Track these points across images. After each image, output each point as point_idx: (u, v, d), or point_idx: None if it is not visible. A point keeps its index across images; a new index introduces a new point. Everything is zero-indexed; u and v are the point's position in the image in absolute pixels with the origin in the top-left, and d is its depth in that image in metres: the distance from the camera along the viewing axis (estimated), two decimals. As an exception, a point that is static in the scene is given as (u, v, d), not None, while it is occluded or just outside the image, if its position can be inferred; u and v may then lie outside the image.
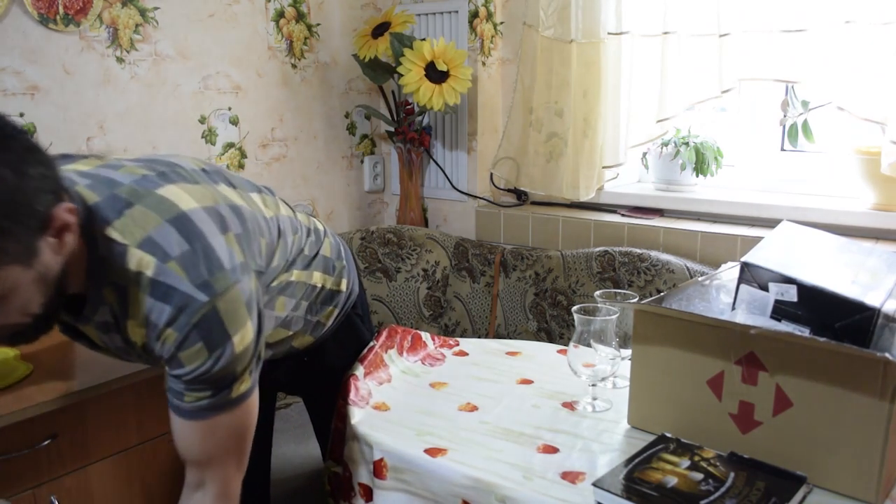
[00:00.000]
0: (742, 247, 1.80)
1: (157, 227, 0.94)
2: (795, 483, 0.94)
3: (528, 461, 1.06)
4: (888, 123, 1.64)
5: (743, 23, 1.80)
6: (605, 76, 1.99)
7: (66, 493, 1.24)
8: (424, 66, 2.09)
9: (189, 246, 0.94)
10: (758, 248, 1.15)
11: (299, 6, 2.25)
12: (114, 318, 0.97)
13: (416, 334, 1.54)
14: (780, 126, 2.01)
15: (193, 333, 0.93)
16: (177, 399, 0.99)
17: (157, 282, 0.92)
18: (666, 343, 1.09)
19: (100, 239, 0.93)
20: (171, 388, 0.99)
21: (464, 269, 2.21)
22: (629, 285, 1.91)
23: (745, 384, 1.01)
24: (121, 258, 0.93)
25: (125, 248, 0.93)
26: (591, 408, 1.23)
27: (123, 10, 1.84)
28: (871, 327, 0.98)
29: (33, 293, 0.88)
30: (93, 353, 1.30)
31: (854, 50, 1.65)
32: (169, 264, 0.92)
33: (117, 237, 0.93)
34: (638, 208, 2.12)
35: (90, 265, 0.94)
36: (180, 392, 0.98)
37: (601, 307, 1.22)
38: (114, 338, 1.01)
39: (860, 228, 1.77)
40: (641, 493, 0.92)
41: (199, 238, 0.95)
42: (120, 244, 0.93)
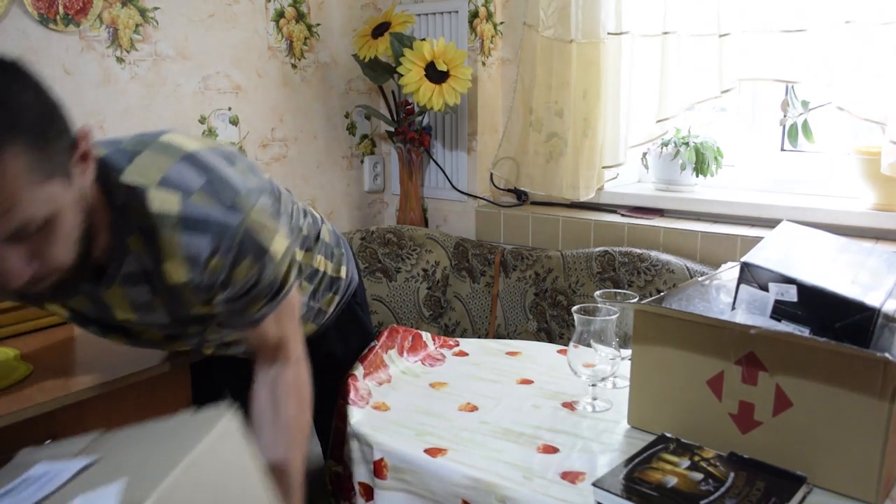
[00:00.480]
0: (742, 247, 1.80)
1: (170, 167, 0.95)
2: (795, 483, 0.94)
3: (528, 461, 1.06)
4: (888, 123, 1.64)
5: (743, 23, 1.80)
6: (605, 76, 1.99)
7: (66, 493, 1.24)
8: (424, 66, 2.09)
9: (206, 177, 0.95)
10: (758, 248, 1.15)
11: (299, 6, 2.25)
12: (142, 269, 0.97)
13: (417, 334, 1.54)
14: (780, 126, 2.01)
15: (238, 254, 0.95)
16: (241, 319, 1.05)
17: (187, 217, 0.93)
18: (666, 343, 1.09)
19: (115, 188, 0.92)
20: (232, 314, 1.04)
21: (464, 269, 2.21)
22: (629, 285, 1.91)
23: (745, 384, 1.01)
24: (142, 202, 0.93)
25: (144, 190, 0.93)
26: (591, 408, 1.23)
27: (123, 10, 1.84)
28: (871, 327, 0.98)
29: (74, 222, 0.85)
30: (92, 354, 1.30)
31: (854, 50, 1.65)
32: (193, 198, 0.94)
33: (133, 181, 0.93)
34: (638, 208, 2.12)
35: (111, 216, 0.93)
36: (242, 311, 1.04)
37: (601, 307, 1.22)
38: (140, 291, 1.00)
39: (860, 228, 1.77)
40: (641, 493, 0.92)
41: (212, 170, 0.97)
42: (138, 188, 0.93)
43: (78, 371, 1.27)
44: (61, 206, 0.82)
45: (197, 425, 0.85)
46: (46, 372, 1.26)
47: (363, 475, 1.19)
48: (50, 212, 0.80)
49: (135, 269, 0.98)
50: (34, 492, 0.83)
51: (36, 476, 0.87)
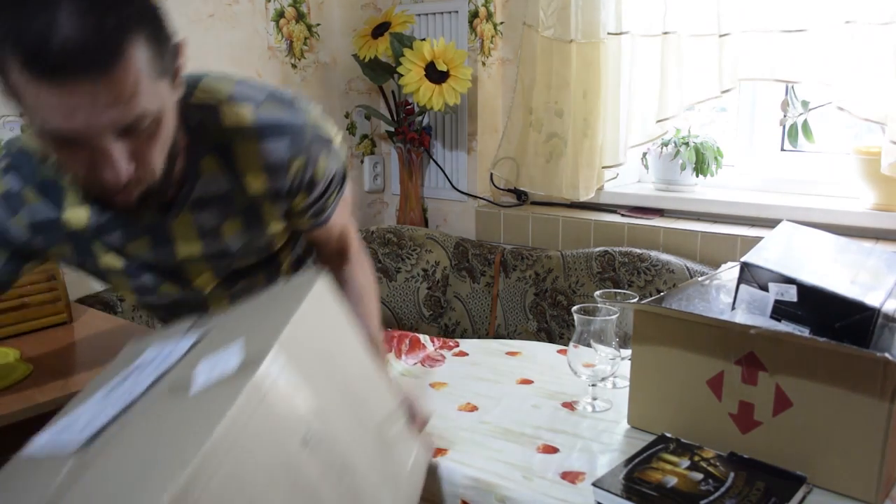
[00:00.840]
0: (742, 247, 1.80)
1: (232, 87, 0.98)
2: (795, 483, 0.94)
3: (527, 461, 1.06)
4: (888, 123, 1.64)
5: (743, 23, 1.80)
6: (605, 76, 1.99)
7: (66, 493, 1.24)
8: (424, 67, 2.09)
9: (265, 90, 1.00)
10: (758, 248, 1.15)
11: (299, 6, 2.25)
12: (216, 191, 0.99)
13: (415, 337, 1.54)
14: (780, 126, 2.01)
15: (315, 150, 1.01)
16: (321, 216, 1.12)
17: (263, 125, 0.97)
18: (666, 343, 1.09)
19: (187, 110, 0.93)
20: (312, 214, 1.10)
21: (464, 270, 2.21)
22: (629, 285, 1.91)
23: (745, 384, 1.01)
24: (216, 118, 0.96)
25: (216, 107, 0.96)
26: (591, 408, 1.23)
27: (123, 10, 1.84)
28: (871, 327, 0.98)
29: (170, 131, 0.86)
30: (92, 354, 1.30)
31: (854, 50, 1.65)
32: (263, 106, 0.97)
33: (204, 100, 0.96)
34: (638, 208, 2.12)
35: (187, 139, 0.94)
36: (320, 211, 1.10)
37: (601, 307, 1.22)
38: (210, 215, 1.02)
39: (860, 228, 1.77)
40: (641, 493, 0.92)
41: (265, 85, 1.02)
42: (209, 106, 0.96)
43: (78, 371, 1.28)
44: (166, 108, 0.83)
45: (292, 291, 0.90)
46: (46, 372, 1.26)
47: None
48: (158, 110, 0.81)
49: (206, 193, 0.99)
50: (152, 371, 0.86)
51: (149, 360, 0.90)
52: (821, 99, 1.86)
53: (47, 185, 0.97)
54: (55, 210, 0.98)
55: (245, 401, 0.67)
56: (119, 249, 1.03)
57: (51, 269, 1.50)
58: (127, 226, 0.99)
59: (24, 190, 0.97)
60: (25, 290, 1.46)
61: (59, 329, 1.49)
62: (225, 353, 0.76)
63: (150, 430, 0.73)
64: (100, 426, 0.78)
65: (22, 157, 0.97)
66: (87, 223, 0.99)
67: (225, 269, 1.11)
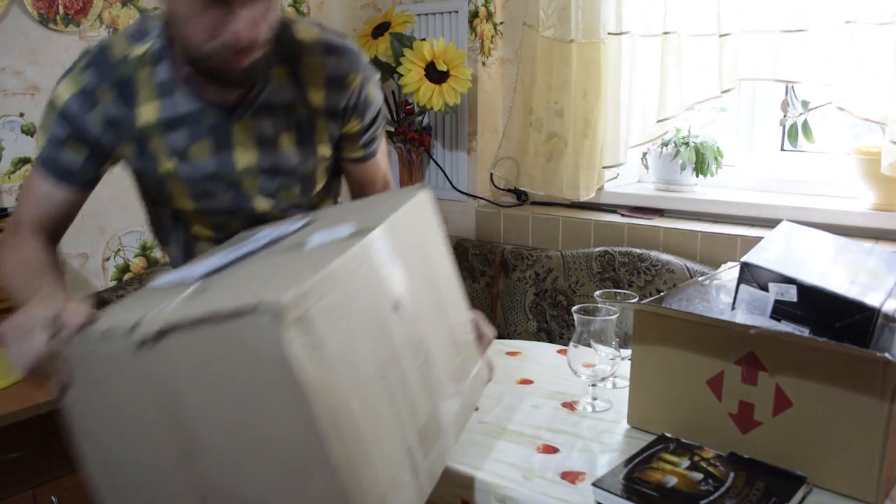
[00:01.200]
0: (742, 247, 1.81)
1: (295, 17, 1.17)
2: (795, 483, 0.94)
3: (527, 461, 1.06)
4: (888, 123, 1.64)
5: (743, 23, 1.80)
6: (605, 76, 1.99)
7: (66, 493, 1.24)
8: (424, 66, 2.09)
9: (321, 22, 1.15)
10: (758, 248, 1.15)
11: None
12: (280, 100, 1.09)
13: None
14: (780, 126, 2.01)
15: (367, 73, 1.14)
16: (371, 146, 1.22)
17: (328, 43, 1.11)
18: (666, 343, 1.09)
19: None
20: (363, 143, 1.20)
21: (464, 269, 2.21)
22: (629, 285, 1.92)
23: (745, 384, 1.01)
24: (289, 32, 1.08)
25: (289, 24, 1.09)
26: (591, 408, 1.23)
27: (123, 10, 1.84)
28: (871, 327, 0.98)
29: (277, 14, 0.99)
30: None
31: (854, 50, 1.65)
32: (326, 30, 1.13)
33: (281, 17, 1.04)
34: (638, 208, 2.12)
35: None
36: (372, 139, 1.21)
37: (601, 307, 1.22)
38: (271, 123, 1.10)
39: (860, 228, 1.77)
40: (641, 493, 0.93)
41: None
42: (284, 21, 1.06)
43: (78, 371, 1.28)
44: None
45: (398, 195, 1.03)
46: (46, 372, 1.27)
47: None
48: None
49: (271, 100, 1.08)
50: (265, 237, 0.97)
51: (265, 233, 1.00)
52: (821, 99, 1.86)
53: (123, 83, 1.04)
54: (128, 107, 1.05)
55: (355, 253, 0.78)
56: (182, 152, 1.08)
57: (51, 269, 1.50)
58: (193, 124, 1.06)
59: (101, 87, 1.04)
60: (25, 290, 1.46)
61: (59, 329, 1.49)
62: (336, 227, 0.87)
63: (269, 264, 0.85)
64: (219, 266, 0.89)
65: (102, 55, 1.05)
66: (158, 118, 1.05)
67: (275, 190, 1.16)
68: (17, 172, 1.69)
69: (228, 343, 0.68)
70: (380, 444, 0.76)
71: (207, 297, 0.77)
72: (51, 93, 1.07)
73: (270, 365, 0.66)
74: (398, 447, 0.80)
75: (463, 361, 1.01)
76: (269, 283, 0.74)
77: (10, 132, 1.67)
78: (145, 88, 1.05)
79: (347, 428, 0.71)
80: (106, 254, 1.87)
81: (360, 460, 0.72)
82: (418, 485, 0.83)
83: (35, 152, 1.12)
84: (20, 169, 1.69)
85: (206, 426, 0.74)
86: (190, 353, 0.71)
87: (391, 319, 0.83)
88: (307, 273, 0.71)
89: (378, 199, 1.09)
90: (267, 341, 0.65)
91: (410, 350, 0.86)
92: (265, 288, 0.70)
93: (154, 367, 0.73)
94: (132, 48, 1.05)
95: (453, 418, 0.95)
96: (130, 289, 1.83)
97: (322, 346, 0.69)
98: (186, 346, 0.71)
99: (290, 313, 0.65)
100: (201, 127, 1.07)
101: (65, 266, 1.09)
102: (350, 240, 0.82)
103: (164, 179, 1.11)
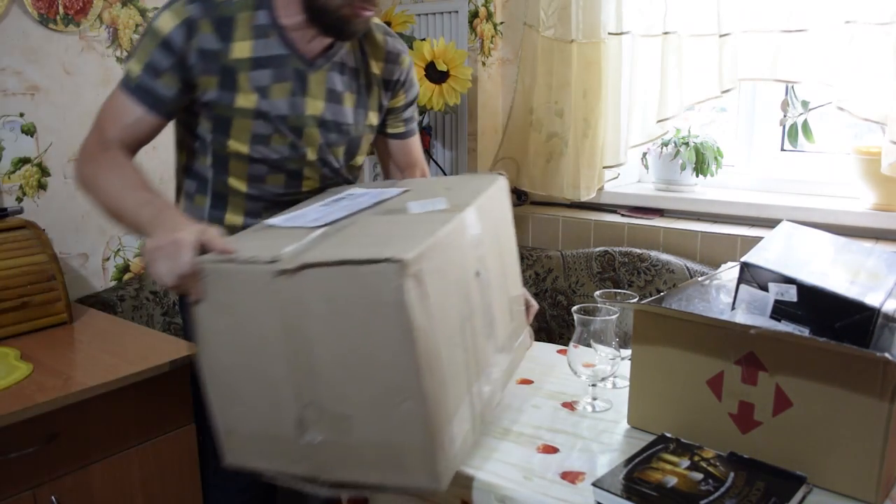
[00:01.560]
0: (742, 247, 1.81)
1: None
2: (795, 483, 0.94)
3: (527, 461, 1.06)
4: (888, 123, 1.64)
5: (743, 23, 1.80)
6: (605, 76, 1.99)
7: (66, 493, 1.24)
8: (424, 66, 2.09)
9: None
10: (758, 248, 1.15)
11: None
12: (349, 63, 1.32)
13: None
14: (780, 126, 2.01)
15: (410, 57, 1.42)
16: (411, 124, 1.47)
17: (385, 27, 1.39)
18: (666, 343, 1.09)
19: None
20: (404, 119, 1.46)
21: (464, 269, 2.20)
22: (629, 285, 1.92)
23: (745, 384, 1.01)
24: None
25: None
26: (591, 408, 1.23)
27: (123, 10, 1.84)
28: (871, 327, 0.98)
29: None
30: (92, 354, 1.30)
31: (854, 50, 1.65)
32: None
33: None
34: (638, 208, 2.12)
35: None
36: (411, 117, 1.47)
37: (601, 307, 1.22)
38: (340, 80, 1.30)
39: (860, 228, 1.77)
40: (641, 493, 0.92)
41: None
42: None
43: (78, 371, 1.28)
44: None
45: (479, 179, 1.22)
46: (46, 372, 1.27)
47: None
48: None
49: (344, 60, 1.31)
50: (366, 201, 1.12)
51: (358, 193, 1.16)
52: (821, 99, 1.86)
53: (223, 20, 1.19)
54: (223, 42, 1.19)
55: (454, 226, 0.96)
56: (264, 89, 1.23)
57: (51, 269, 1.50)
58: (279, 67, 1.23)
59: (203, 20, 1.17)
60: (25, 290, 1.46)
61: (59, 329, 1.49)
62: (431, 200, 1.05)
63: (381, 223, 1.01)
64: (331, 221, 1.03)
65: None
66: (250, 55, 1.21)
67: (325, 144, 1.31)
68: (18, 172, 1.69)
69: (356, 284, 0.84)
70: (453, 383, 0.93)
71: (336, 243, 0.92)
72: (150, 23, 1.18)
73: (389, 307, 0.82)
74: (463, 388, 0.97)
75: (515, 328, 1.19)
76: (391, 240, 0.90)
77: (10, 132, 1.67)
78: (243, 28, 1.20)
79: (436, 366, 0.87)
80: (106, 254, 1.87)
81: (440, 393, 0.89)
82: (473, 421, 1.01)
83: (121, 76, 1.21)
84: (20, 169, 1.69)
85: (320, 348, 0.89)
86: (321, 286, 0.86)
87: (473, 284, 1.01)
88: (420, 238, 0.87)
89: (458, 179, 1.29)
90: (390, 287, 0.81)
91: (482, 311, 1.04)
92: (389, 244, 0.86)
93: (287, 293, 0.88)
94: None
95: (501, 374, 1.12)
96: (130, 289, 1.83)
97: (427, 298, 0.85)
98: (320, 280, 0.86)
99: (411, 268, 0.81)
100: (286, 70, 1.24)
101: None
102: (447, 213, 0.99)
103: (234, 114, 1.23)
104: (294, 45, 1.23)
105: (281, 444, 0.97)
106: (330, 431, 0.93)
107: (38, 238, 1.54)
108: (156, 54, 1.16)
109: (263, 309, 0.90)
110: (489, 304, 1.07)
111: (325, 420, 0.93)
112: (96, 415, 1.26)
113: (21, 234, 1.54)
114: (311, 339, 0.89)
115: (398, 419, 0.88)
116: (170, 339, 1.45)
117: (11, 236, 1.52)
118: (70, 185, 1.78)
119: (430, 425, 0.87)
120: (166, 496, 1.38)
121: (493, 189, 1.14)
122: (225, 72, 1.20)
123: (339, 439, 0.93)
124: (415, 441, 0.89)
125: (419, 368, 0.84)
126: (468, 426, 0.99)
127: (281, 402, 0.94)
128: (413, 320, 0.82)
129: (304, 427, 0.94)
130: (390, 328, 0.84)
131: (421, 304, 0.83)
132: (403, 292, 0.81)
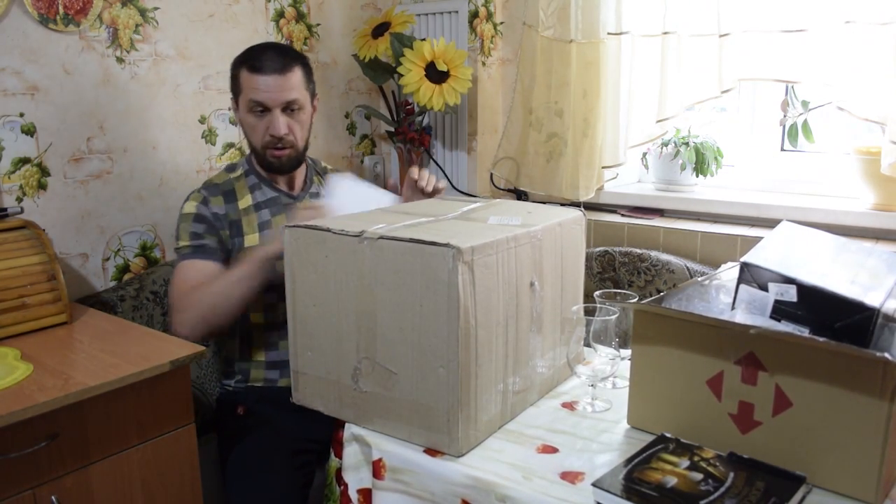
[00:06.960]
0: (742, 247, 1.81)
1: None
2: (795, 483, 0.94)
3: (527, 461, 1.06)
4: (888, 123, 1.64)
5: (743, 23, 1.80)
6: (605, 76, 1.99)
7: (66, 493, 1.24)
8: (424, 67, 2.09)
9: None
10: (758, 248, 1.15)
11: (299, 6, 2.25)
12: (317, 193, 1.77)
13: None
14: (780, 126, 2.01)
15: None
16: None
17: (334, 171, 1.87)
18: (666, 343, 1.09)
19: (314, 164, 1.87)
20: None
21: (464, 269, 2.20)
22: (629, 285, 1.92)
23: (745, 384, 1.01)
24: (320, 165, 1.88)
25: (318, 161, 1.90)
26: (591, 408, 1.23)
27: (123, 10, 1.84)
28: (870, 327, 0.98)
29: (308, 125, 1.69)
30: (92, 354, 1.30)
31: (854, 50, 1.65)
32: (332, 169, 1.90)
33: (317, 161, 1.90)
34: (638, 208, 2.12)
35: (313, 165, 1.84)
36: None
37: (601, 307, 1.22)
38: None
39: (860, 228, 1.77)
40: (641, 494, 0.92)
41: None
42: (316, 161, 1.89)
43: (78, 371, 1.27)
44: (307, 107, 1.67)
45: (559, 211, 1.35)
46: (46, 372, 1.26)
47: (362, 480, 1.19)
48: (303, 103, 1.64)
49: (314, 193, 1.76)
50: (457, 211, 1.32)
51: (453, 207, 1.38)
52: (821, 99, 1.86)
53: (227, 192, 1.68)
54: (231, 203, 1.67)
55: (514, 236, 1.13)
56: (267, 223, 1.67)
57: (51, 269, 1.50)
58: (273, 205, 1.70)
59: (212, 197, 1.66)
60: (25, 290, 1.46)
61: (59, 329, 1.49)
62: (510, 217, 1.25)
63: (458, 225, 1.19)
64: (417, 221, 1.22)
65: (209, 183, 1.71)
66: (252, 203, 1.68)
67: None
68: (17, 172, 1.69)
69: (420, 261, 1.04)
70: (487, 366, 1.10)
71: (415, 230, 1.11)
72: (179, 213, 1.65)
73: (443, 284, 1.02)
74: (498, 375, 1.13)
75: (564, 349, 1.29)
76: (458, 235, 1.07)
77: (10, 132, 1.67)
78: (241, 190, 1.70)
79: (471, 343, 1.05)
80: (106, 254, 1.87)
81: (472, 369, 1.06)
82: (501, 407, 1.16)
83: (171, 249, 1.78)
84: (20, 169, 1.69)
85: (383, 311, 1.10)
86: (393, 258, 1.07)
87: (524, 291, 1.17)
88: (482, 238, 1.07)
89: (544, 208, 1.40)
90: (446, 268, 1.01)
91: (530, 318, 1.19)
92: (455, 237, 1.04)
93: (366, 259, 1.10)
94: (229, 175, 1.71)
95: (540, 380, 1.26)
96: (130, 289, 1.83)
97: (474, 285, 1.04)
98: (393, 252, 1.07)
99: (465, 256, 1.01)
100: (278, 206, 1.70)
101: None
102: (516, 227, 1.17)
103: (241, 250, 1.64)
104: (278, 188, 1.72)
105: (337, 389, 1.19)
106: (377, 385, 1.13)
107: (38, 238, 1.54)
108: (193, 226, 1.62)
109: (346, 268, 1.12)
110: (539, 315, 1.22)
111: (375, 374, 1.12)
112: (96, 415, 1.26)
113: (21, 234, 1.53)
114: (378, 301, 1.10)
115: (433, 382, 1.06)
116: (170, 339, 1.45)
117: (11, 236, 1.52)
118: (70, 185, 1.78)
119: (457, 392, 1.04)
120: (166, 496, 1.38)
121: (569, 220, 1.30)
122: (233, 225, 1.65)
123: (383, 392, 1.12)
124: (442, 404, 1.06)
125: (457, 340, 1.03)
126: (496, 410, 1.14)
127: (344, 353, 1.16)
128: (459, 298, 1.01)
129: (357, 377, 1.15)
130: (440, 302, 1.03)
131: (469, 287, 1.03)
132: (457, 274, 1.00)
